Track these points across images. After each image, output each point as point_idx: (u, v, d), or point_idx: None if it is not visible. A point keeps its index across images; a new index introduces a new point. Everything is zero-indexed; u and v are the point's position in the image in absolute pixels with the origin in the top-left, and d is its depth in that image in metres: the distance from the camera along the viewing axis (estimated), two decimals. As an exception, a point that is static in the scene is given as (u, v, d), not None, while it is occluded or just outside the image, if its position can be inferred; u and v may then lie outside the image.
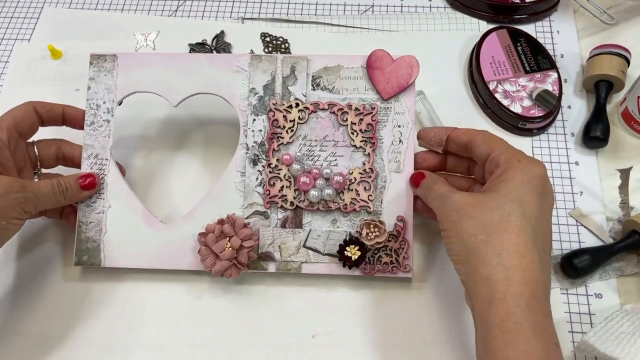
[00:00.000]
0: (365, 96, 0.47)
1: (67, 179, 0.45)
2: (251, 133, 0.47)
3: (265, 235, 0.45)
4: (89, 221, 0.46)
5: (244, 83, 0.48)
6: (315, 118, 0.47)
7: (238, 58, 0.48)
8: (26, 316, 0.46)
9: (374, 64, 0.47)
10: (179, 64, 0.48)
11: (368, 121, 0.46)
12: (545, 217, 0.37)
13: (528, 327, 0.32)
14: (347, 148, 0.46)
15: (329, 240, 0.45)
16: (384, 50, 0.47)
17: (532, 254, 0.34)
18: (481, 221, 0.36)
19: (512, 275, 0.34)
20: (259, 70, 0.48)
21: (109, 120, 0.48)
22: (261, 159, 0.47)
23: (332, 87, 0.47)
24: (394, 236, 0.45)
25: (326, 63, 0.48)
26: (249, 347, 0.45)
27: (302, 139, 0.47)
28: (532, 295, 0.33)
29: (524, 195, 0.36)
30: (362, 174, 0.46)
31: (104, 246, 0.46)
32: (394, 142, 0.46)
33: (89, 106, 0.48)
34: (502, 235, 0.35)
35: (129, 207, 0.47)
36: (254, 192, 0.46)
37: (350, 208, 0.45)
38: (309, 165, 0.46)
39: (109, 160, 0.47)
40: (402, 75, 0.46)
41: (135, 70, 0.49)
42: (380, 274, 0.44)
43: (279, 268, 0.45)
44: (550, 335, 0.33)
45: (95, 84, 0.49)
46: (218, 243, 0.43)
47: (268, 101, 0.47)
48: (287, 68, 0.48)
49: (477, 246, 0.35)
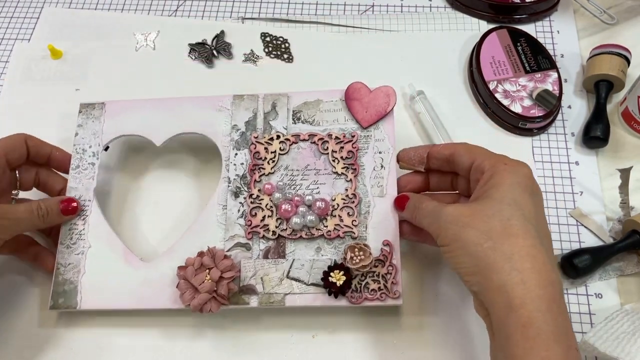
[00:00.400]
0: (345, 126, 0.48)
1: (48, 203, 0.45)
2: (233, 167, 0.47)
3: (247, 267, 0.44)
4: (68, 262, 0.45)
5: (227, 121, 0.49)
6: (297, 148, 0.47)
7: (221, 99, 0.50)
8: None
9: (352, 96, 0.48)
10: (164, 107, 0.50)
11: (349, 148, 0.47)
12: (542, 216, 0.37)
13: (549, 332, 0.31)
14: (329, 175, 0.46)
15: (313, 269, 0.43)
16: (361, 83, 0.49)
17: (543, 255, 0.33)
18: (483, 229, 0.35)
19: (528, 279, 0.32)
20: (241, 108, 0.50)
21: (94, 163, 0.49)
22: (243, 191, 0.47)
23: (312, 120, 0.48)
24: (380, 261, 0.43)
25: (306, 98, 0.49)
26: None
27: (283, 169, 0.47)
28: (551, 298, 0.32)
29: (519, 197, 0.36)
30: (345, 200, 0.45)
31: (81, 287, 0.44)
32: (375, 168, 0.46)
33: (75, 151, 0.49)
34: (509, 240, 0.34)
35: (110, 247, 0.46)
36: (235, 224, 0.46)
37: (334, 234, 0.44)
38: (290, 194, 0.46)
39: (91, 202, 0.48)
40: (380, 104, 0.48)
41: (122, 115, 0.50)
42: (368, 302, 0.42)
43: (261, 302, 0.43)
44: (570, 339, 0.32)
45: (82, 130, 0.50)
46: (197, 276, 0.42)
47: (250, 136, 0.48)
48: (269, 104, 0.49)
49: (486, 254, 0.34)
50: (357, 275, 0.43)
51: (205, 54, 0.60)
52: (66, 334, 0.45)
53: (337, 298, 0.42)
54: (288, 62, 0.60)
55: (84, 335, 0.45)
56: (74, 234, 0.47)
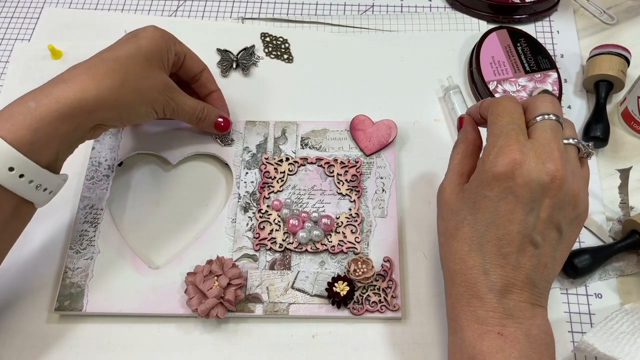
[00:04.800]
0: (350, 153, 0.52)
1: (210, 111, 0.49)
2: (243, 184, 0.50)
3: (254, 277, 0.45)
4: (76, 267, 0.46)
5: (239, 144, 0.52)
6: (304, 170, 0.51)
7: (235, 123, 0.53)
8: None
9: (357, 127, 0.52)
10: (181, 129, 0.53)
11: (353, 172, 0.50)
12: (502, 218, 0.35)
13: (465, 319, 0.36)
14: (334, 196, 0.49)
15: (317, 281, 0.45)
16: (365, 115, 0.53)
17: (474, 259, 0.36)
18: (444, 224, 0.39)
19: (455, 278, 0.37)
20: (253, 133, 0.53)
21: (109, 176, 0.51)
22: (252, 207, 0.49)
23: (319, 146, 0.52)
24: (381, 276, 0.45)
25: (313, 127, 0.53)
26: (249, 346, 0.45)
27: (291, 188, 0.50)
28: (473, 295, 0.36)
29: (479, 200, 0.36)
30: (348, 218, 0.48)
31: (87, 291, 0.45)
32: (377, 192, 0.49)
33: (90, 163, 0.51)
34: (450, 242, 0.38)
35: (118, 253, 0.47)
36: (243, 236, 0.47)
37: (338, 249, 0.46)
38: (297, 210, 0.48)
39: (104, 210, 0.49)
40: (382, 135, 0.52)
41: (139, 134, 0.53)
42: (369, 314, 0.44)
43: (266, 310, 0.44)
44: (492, 325, 0.35)
45: (99, 144, 0.52)
46: (205, 282, 0.43)
47: (260, 157, 0.51)
48: (279, 130, 0.53)
49: (440, 245, 0.40)
50: (359, 287, 0.45)
51: (225, 63, 0.59)
52: (67, 335, 0.45)
53: (339, 308, 0.44)
54: (288, 62, 0.60)
55: (85, 335, 0.45)
56: (84, 240, 0.47)
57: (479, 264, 0.36)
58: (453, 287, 0.37)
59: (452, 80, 0.56)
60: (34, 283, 0.47)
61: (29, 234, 0.48)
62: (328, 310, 0.44)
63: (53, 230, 0.49)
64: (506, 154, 0.34)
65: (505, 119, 0.36)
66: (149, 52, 0.43)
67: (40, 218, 0.48)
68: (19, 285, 0.47)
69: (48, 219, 0.49)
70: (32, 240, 0.49)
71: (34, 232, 0.49)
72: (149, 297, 0.45)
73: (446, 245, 0.39)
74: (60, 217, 0.50)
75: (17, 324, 0.46)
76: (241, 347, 0.44)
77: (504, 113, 0.37)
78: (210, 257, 0.45)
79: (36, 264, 0.48)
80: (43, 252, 0.49)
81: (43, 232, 0.49)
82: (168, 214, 0.51)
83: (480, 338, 0.35)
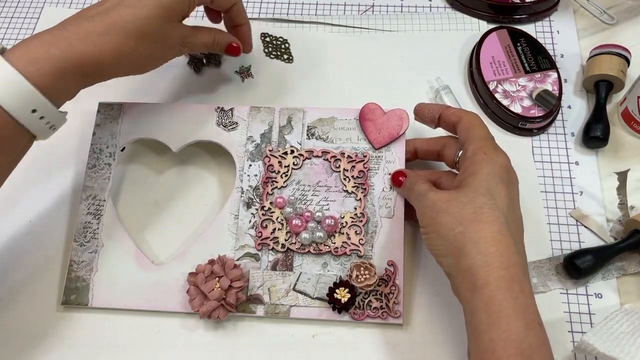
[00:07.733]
0: (358, 145, 0.49)
1: (221, 39, 0.50)
2: (246, 177, 0.49)
3: (255, 277, 0.45)
4: (81, 260, 0.46)
5: (243, 131, 0.50)
6: (309, 164, 0.49)
7: (238, 109, 0.51)
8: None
9: (366, 116, 0.49)
10: (182, 113, 0.51)
11: (360, 168, 0.48)
12: (515, 204, 0.40)
13: (510, 308, 0.34)
14: (339, 193, 0.48)
15: (319, 284, 0.45)
16: (376, 104, 0.49)
17: (507, 240, 0.36)
18: (456, 215, 0.38)
19: (491, 262, 0.35)
20: (257, 120, 0.51)
21: (110, 164, 0.50)
22: (255, 202, 0.48)
23: (326, 137, 0.50)
24: (384, 280, 0.45)
25: (321, 115, 0.50)
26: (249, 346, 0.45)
27: (295, 183, 0.48)
28: (512, 278, 0.35)
29: (493, 186, 0.38)
30: (353, 218, 0.47)
31: (93, 285, 0.45)
32: (384, 189, 0.47)
33: (92, 150, 0.50)
34: (478, 226, 0.37)
35: (122, 248, 0.47)
36: (246, 234, 0.47)
37: (341, 251, 0.46)
38: (301, 209, 0.47)
39: (106, 202, 0.48)
40: (393, 126, 0.49)
41: (140, 118, 0.51)
42: (370, 319, 0.44)
43: (267, 311, 0.44)
44: (532, 314, 0.35)
45: (100, 130, 0.51)
46: (207, 283, 0.43)
47: (264, 148, 0.49)
48: (284, 118, 0.50)
49: (456, 239, 0.37)
50: (361, 292, 0.44)
51: (194, 61, 0.59)
52: (67, 333, 0.46)
53: (340, 314, 0.44)
54: (288, 62, 0.60)
55: (85, 334, 0.46)
56: (88, 233, 0.47)
57: (512, 244, 0.36)
58: (489, 273, 0.35)
59: (442, 81, 0.56)
60: (37, 275, 0.48)
61: (34, 225, 0.50)
62: (329, 315, 0.44)
63: (57, 220, 0.50)
64: (501, 151, 0.41)
65: (484, 127, 0.43)
66: (169, 9, 0.44)
67: (44, 205, 0.50)
68: (22, 277, 0.48)
69: (51, 208, 0.50)
70: (35, 230, 0.50)
71: (37, 224, 0.50)
72: (154, 293, 0.45)
73: (472, 230, 0.37)
74: (63, 207, 0.51)
75: (13, 323, 0.46)
76: (241, 346, 0.45)
77: (482, 123, 0.43)
78: (212, 255, 0.45)
79: (39, 255, 0.49)
80: (46, 242, 0.49)
81: (47, 223, 0.50)
82: (170, 209, 0.51)
83: (528, 329, 0.34)
